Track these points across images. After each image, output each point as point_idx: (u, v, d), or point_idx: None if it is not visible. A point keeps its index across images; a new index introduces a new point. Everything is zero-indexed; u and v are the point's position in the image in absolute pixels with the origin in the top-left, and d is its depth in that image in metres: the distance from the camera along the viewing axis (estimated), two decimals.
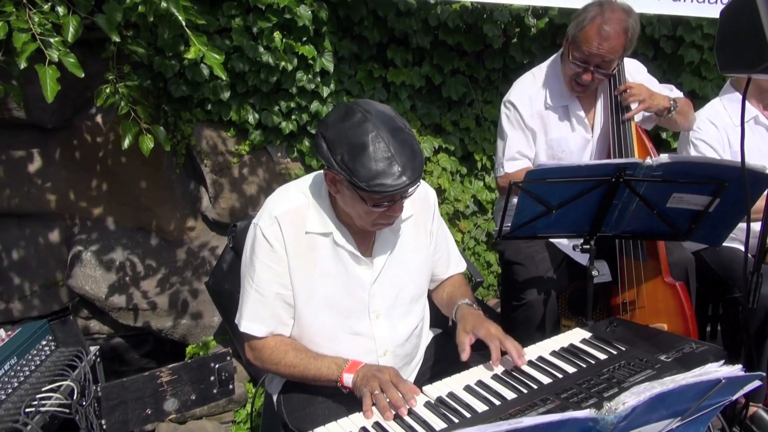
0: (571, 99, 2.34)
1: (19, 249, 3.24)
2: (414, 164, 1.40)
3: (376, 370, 1.45)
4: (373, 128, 1.39)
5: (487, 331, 1.53)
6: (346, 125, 1.41)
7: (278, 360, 1.57)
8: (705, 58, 3.38)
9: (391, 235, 1.64)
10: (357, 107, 1.43)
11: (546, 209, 1.80)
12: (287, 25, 3.08)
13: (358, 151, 1.37)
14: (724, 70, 1.44)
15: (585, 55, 2.14)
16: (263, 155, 3.34)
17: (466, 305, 1.67)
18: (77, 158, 3.23)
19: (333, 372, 1.51)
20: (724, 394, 1.04)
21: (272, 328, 1.59)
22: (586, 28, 2.12)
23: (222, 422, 2.96)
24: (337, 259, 1.58)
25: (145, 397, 1.67)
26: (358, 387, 1.45)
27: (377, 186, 1.37)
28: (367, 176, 1.36)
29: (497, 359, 1.48)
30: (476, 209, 3.61)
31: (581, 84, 2.23)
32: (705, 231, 1.88)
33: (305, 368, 1.54)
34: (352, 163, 1.37)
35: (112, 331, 3.36)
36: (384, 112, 1.44)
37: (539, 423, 0.82)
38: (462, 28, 3.33)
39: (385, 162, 1.37)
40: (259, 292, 1.57)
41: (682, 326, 2.15)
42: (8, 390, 1.45)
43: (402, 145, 1.40)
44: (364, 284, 1.60)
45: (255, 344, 1.61)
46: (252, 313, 1.58)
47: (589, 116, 2.37)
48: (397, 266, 1.65)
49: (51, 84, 2.04)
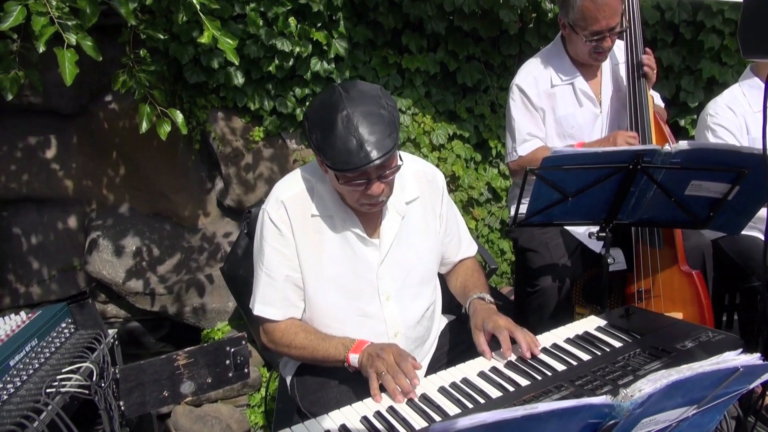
0: (575, 75, 2.36)
1: (37, 234, 3.29)
2: (382, 142, 1.40)
3: (380, 349, 1.45)
4: (344, 107, 1.41)
5: (495, 323, 1.52)
6: (322, 106, 1.45)
7: (289, 342, 1.60)
8: (726, 44, 3.31)
9: (397, 217, 1.65)
10: (338, 87, 1.47)
11: (562, 196, 1.79)
12: (302, 11, 3.07)
13: (328, 130, 1.41)
14: (747, 55, 1.41)
15: (596, 29, 2.15)
16: (278, 142, 3.35)
17: (477, 299, 1.66)
18: (94, 144, 3.27)
19: (340, 352, 1.52)
20: (741, 382, 1.03)
21: (284, 311, 1.62)
22: (581, 8, 2.13)
23: (237, 405, 3.00)
24: (344, 241, 1.60)
25: (162, 380, 1.69)
26: (363, 367, 1.46)
27: (341, 164, 1.40)
28: (332, 154, 1.40)
29: (508, 349, 1.48)
30: (490, 197, 3.59)
31: (602, 52, 2.25)
32: (724, 219, 1.86)
33: (314, 349, 1.56)
34: (322, 143, 1.42)
35: (129, 315, 3.41)
36: (366, 92, 1.46)
37: (555, 409, 0.81)
38: (477, 13, 3.30)
39: (349, 140, 1.39)
40: (269, 275, 1.60)
41: (698, 315, 2.13)
42: (29, 371, 1.48)
43: (372, 124, 1.40)
44: (371, 265, 1.62)
45: (268, 327, 1.64)
46: (263, 297, 1.62)
47: (596, 90, 2.38)
48: (404, 248, 1.66)
49: (70, 67, 2.05)
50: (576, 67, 2.35)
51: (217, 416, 2.89)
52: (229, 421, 2.90)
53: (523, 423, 0.79)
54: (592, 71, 2.38)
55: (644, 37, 2.31)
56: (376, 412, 1.33)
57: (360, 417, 1.32)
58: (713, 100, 2.43)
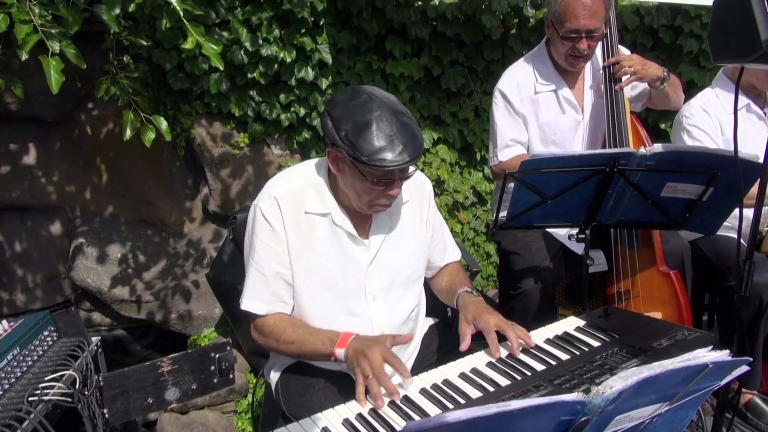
0: (559, 82, 2.38)
1: (21, 241, 3.27)
2: (414, 144, 1.46)
3: (366, 347, 1.45)
4: (377, 108, 1.45)
5: (486, 323, 1.54)
6: (351, 104, 1.48)
7: (278, 336, 1.60)
8: (704, 48, 3.38)
9: (387, 219, 1.68)
10: (363, 90, 1.51)
11: (541, 199, 1.81)
12: (286, 17, 3.09)
13: (362, 127, 1.43)
14: (717, 60, 1.45)
15: (573, 26, 2.17)
16: (263, 147, 3.35)
17: (466, 293, 1.70)
18: (78, 151, 3.25)
19: (326, 347, 1.53)
20: (712, 379, 1.06)
21: (272, 306, 1.62)
22: (564, 3, 2.16)
23: (224, 412, 2.99)
24: (335, 239, 1.62)
25: (146, 387, 1.68)
26: (349, 362, 1.47)
27: (378, 161, 1.42)
28: (370, 150, 1.42)
29: (497, 351, 1.50)
30: (475, 200, 3.62)
31: (578, 56, 2.26)
32: (699, 220, 1.89)
33: (302, 344, 1.57)
34: (356, 138, 1.43)
35: (115, 323, 3.39)
36: (388, 96, 1.52)
37: (527, 406, 0.83)
38: (460, 19, 3.33)
39: (387, 139, 1.43)
40: (259, 270, 1.60)
41: (677, 314, 2.17)
42: (11, 380, 1.47)
43: (403, 126, 1.46)
44: (360, 265, 1.64)
45: (257, 323, 1.65)
46: (252, 292, 1.62)
47: (578, 97, 2.40)
48: (393, 249, 1.68)
49: (55, 75, 2.05)
50: (559, 73, 2.38)
51: (203, 423, 2.88)
52: (216, 427, 2.89)
53: (496, 420, 0.81)
54: (574, 77, 2.40)
55: (623, 41, 2.34)
56: (358, 415, 1.34)
57: (342, 419, 1.33)
58: (688, 103, 2.49)
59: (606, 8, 2.19)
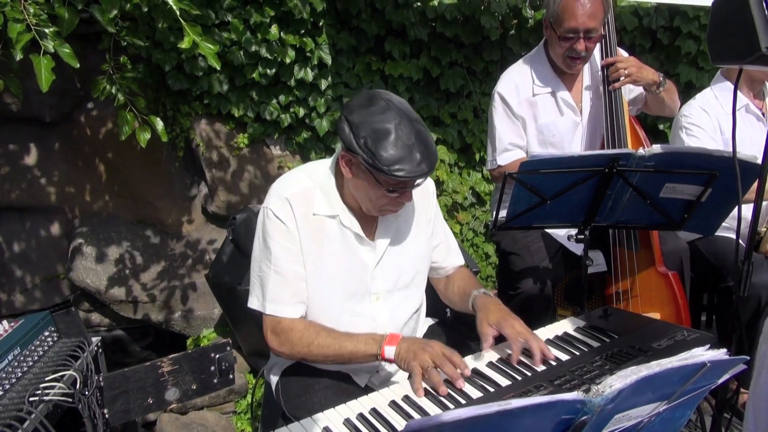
0: (557, 83, 2.38)
1: (20, 242, 3.27)
2: (431, 155, 1.47)
3: (424, 344, 1.48)
4: (396, 116, 1.45)
5: (513, 329, 1.54)
6: (370, 111, 1.47)
7: (310, 341, 1.57)
8: (702, 49, 3.39)
9: (393, 220, 1.69)
10: (380, 95, 1.50)
11: (540, 200, 1.82)
12: (285, 18, 3.09)
13: (382, 135, 1.43)
14: (716, 61, 1.46)
15: (572, 26, 2.17)
16: (262, 148, 3.36)
17: (484, 294, 1.69)
18: (77, 152, 3.25)
19: (371, 347, 1.53)
20: (709, 377, 1.06)
21: (295, 308, 1.61)
22: (563, 3, 2.16)
23: (223, 413, 2.99)
24: (343, 240, 1.62)
25: (146, 387, 1.69)
26: (403, 359, 1.48)
27: (397, 170, 1.42)
28: (389, 160, 1.42)
29: (517, 358, 1.50)
30: (474, 201, 3.63)
31: (576, 57, 2.26)
32: (698, 220, 1.90)
33: (340, 347, 1.55)
34: (375, 147, 1.42)
35: (114, 324, 3.39)
36: (402, 102, 1.52)
37: (528, 405, 0.84)
38: (459, 20, 3.34)
39: (406, 149, 1.43)
40: (278, 272, 1.58)
41: (675, 315, 2.18)
42: (12, 380, 1.47)
43: (420, 135, 1.46)
44: (367, 267, 1.64)
45: (282, 327, 1.60)
46: (275, 295, 1.59)
47: (576, 99, 2.41)
48: (398, 250, 1.69)
49: (46, 74, 2.03)
50: (557, 75, 2.38)
51: (203, 423, 2.88)
52: (216, 428, 2.89)
53: (497, 419, 0.82)
54: (572, 79, 2.40)
55: (622, 43, 2.35)
56: (359, 414, 1.34)
57: (343, 419, 1.33)
58: (687, 103, 2.50)
59: (605, 10, 2.20)
